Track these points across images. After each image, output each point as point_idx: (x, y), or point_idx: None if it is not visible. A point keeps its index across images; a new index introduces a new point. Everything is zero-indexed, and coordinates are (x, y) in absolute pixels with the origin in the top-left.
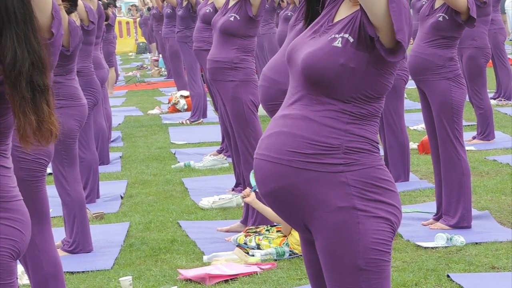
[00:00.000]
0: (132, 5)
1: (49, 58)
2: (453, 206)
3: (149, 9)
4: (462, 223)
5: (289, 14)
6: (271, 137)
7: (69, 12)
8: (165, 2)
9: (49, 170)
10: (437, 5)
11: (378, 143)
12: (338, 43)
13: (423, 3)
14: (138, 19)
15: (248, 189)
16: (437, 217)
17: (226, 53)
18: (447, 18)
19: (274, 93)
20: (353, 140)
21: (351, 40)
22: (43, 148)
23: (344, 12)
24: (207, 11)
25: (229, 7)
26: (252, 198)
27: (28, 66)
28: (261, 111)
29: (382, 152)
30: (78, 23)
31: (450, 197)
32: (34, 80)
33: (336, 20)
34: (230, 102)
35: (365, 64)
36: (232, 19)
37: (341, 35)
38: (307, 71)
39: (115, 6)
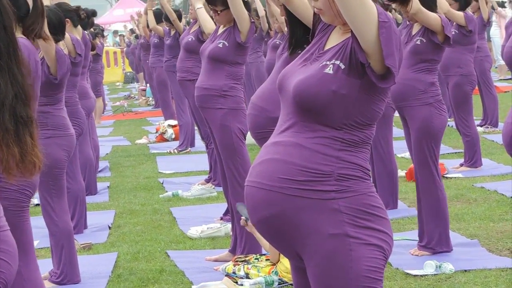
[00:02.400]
0: (120, 35)
1: (32, 90)
2: (432, 231)
3: (136, 37)
4: (442, 248)
5: (277, 42)
6: (262, 164)
7: (56, 40)
8: (152, 31)
9: (36, 201)
10: (414, 31)
11: (369, 170)
12: (329, 69)
13: None
14: (125, 49)
15: (243, 219)
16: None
17: (215, 81)
18: (425, 40)
19: (262, 121)
20: (345, 167)
21: (343, 66)
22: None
23: (335, 39)
24: (189, 39)
25: (218, 34)
26: (251, 227)
27: (11, 98)
28: (249, 139)
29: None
30: (66, 52)
31: (428, 222)
32: (18, 112)
33: (327, 47)
34: (218, 130)
35: (357, 91)
36: (220, 45)
37: (332, 61)
38: (298, 98)
39: (103, 36)
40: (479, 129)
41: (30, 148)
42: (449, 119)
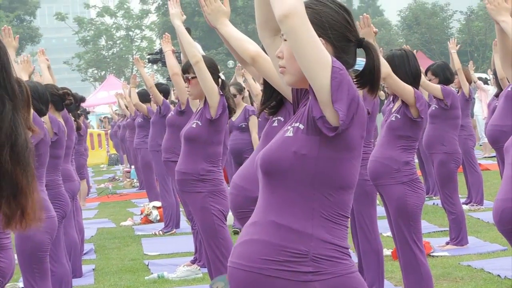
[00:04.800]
0: (104, 117)
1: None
2: None
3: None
4: None
5: (258, 120)
6: (242, 245)
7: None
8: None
9: (21, 284)
10: (394, 109)
11: (347, 249)
12: (289, 133)
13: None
14: (109, 131)
15: None
16: None
17: (192, 164)
18: (399, 117)
19: (242, 201)
20: (320, 246)
21: (302, 127)
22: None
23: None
24: (170, 115)
25: (194, 116)
26: None
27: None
28: (230, 220)
29: (356, 259)
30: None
31: None
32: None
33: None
34: (199, 213)
35: (317, 149)
36: (194, 125)
37: (292, 125)
38: (264, 167)
39: (87, 118)
40: (465, 207)
41: (38, 196)
42: (434, 197)
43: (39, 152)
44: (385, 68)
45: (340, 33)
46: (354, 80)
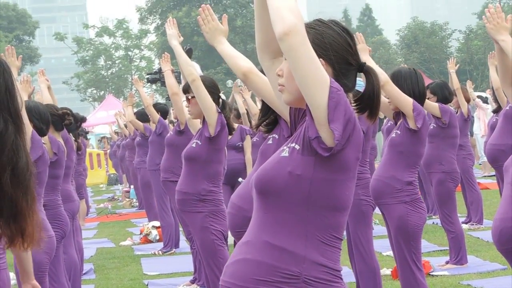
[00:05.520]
0: (103, 137)
1: None
2: None
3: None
4: None
5: (255, 140)
6: (235, 265)
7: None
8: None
9: None
10: (395, 128)
11: (339, 271)
12: (285, 153)
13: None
14: (108, 151)
15: None
16: None
17: (193, 184)
18: (400, 132)
19: (239, 220)
20: (312, 268)
21: (298, 147)
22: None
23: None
24: (169, 134)
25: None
26: None
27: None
28: (230, 240)
29: (353, 279)
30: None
31: None
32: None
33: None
34: (198, 233)
35: (312, 169)
36: (194, 145)
37: (288, 145)
38: (258, 186)
39: (86, 138)
40: (464, 226)
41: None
42: (434, 216)
43: (38, 170)
44: (382, 75)
45: (341, 56)
46: (353, 104)
